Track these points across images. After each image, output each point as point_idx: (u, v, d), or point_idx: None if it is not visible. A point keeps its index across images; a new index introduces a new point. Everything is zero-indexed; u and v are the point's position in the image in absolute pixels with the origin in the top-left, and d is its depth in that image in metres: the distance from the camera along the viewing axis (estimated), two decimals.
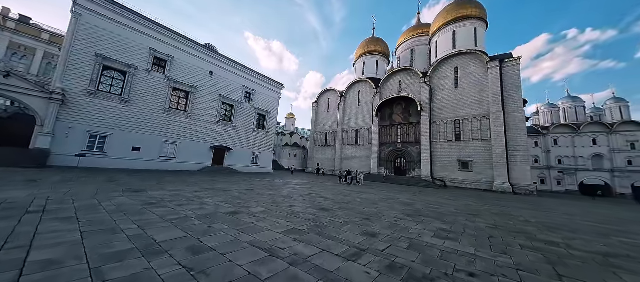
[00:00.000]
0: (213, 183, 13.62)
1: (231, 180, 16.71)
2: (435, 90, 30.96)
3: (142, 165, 20.68)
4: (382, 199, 11.07)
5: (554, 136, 44.56)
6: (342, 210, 7.29)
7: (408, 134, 32.05)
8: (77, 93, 17.69)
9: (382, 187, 21.26)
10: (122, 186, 9.73)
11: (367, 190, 16.15)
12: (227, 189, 11.09)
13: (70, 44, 17.42)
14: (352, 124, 40.03)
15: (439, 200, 12.97)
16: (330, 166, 41.95)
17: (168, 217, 4.96)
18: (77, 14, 17.69)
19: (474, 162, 26.75)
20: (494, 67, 27.15)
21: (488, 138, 26.43)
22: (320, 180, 24.99)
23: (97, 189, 8.45)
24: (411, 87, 33.04)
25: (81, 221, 4.23)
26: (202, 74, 25.83)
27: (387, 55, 44.63)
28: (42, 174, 11.31)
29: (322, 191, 13.18)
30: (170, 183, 12.19)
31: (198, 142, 25.07)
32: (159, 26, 22.39)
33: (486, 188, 25.47)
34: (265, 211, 6.38)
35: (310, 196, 10.39)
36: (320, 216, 6.18)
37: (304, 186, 15.97)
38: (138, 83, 21.00)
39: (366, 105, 38.54)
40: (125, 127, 20.12)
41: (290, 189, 13.05)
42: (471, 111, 27.97)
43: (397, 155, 32.86)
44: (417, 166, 30.32)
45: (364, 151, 37.27)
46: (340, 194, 12.37)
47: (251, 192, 10.48)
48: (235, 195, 9.31)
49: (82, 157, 17.37)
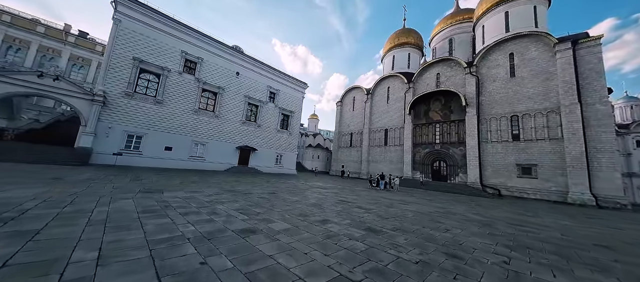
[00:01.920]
0: (235, 184, 12.62)
1: (254, 181, 15.71)
2: (484, 81, 26.51)
3: (174, 164, 21.12)
4: (439, 213, 8.63)
5: (636, 136, 35.47)
6: (399, 232, 5.17)
7: (449, 134, 27.99)
8: (117, 95, 18.61)
9: (422, 194, 18.34)
10: (142, 186, 9.09)
11: (408, 198, 13.62)
12: (247, 192, 9.83)
13: (111, 49, 18.42)
14: (381, 124, 36.95)
15: (513, 216, 9.95)
16: (356, 168, 39.35)
17: (156, 236, 3.56)
18: (117, 20, 18.68)
19: (540, 167, 21.88)
20: (565, 49, 22.01)
21: (558, 137, 21.41)
22: (347, 183, 22.88)
23: (113, 188, 7.79)
24: (452, 80, 28.95)
25: (39, 237, 3.02)
26: (229, 75, 25.94)
27: (421, 47, 40.50)
28: (75, 172, 11.47)
29: (356, 198, 11.17)
30: (192, 183, 11.46)
31: (225, 142, 25.12)
32: (190, 29, 22.92)
33: (557, 199, 20.52)
34: (290, 229, 4.66)
35: (344, 206, 8.49)
36: (371, 243, 4.21)
37: (332, 190, 14.14)
38: (170, 85, 21.61)
39: (397, 103, 35.19)
40: (159, 127, 20.76)
41: (317, 195, 11.34)
42: (533, 105, 23.09)
43: (435, 157, 28.98)
44: (461, 170, 26.17)
45: (395, 153, 33.95)
46: (379, 203, 10.22)
47: (274, 198, 9.02)
48: (255, 200, 7.91)
49: (119, 156, 18.19)
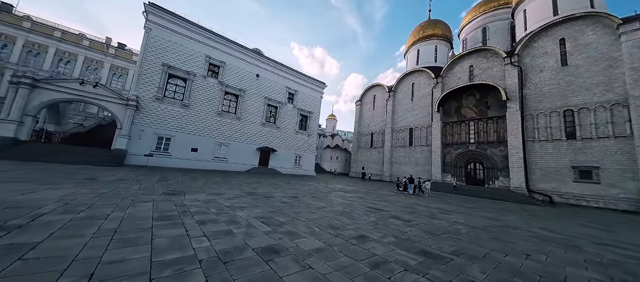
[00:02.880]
0: (256, 186, 12.22)
1: (274, 183, 15.26)
2: (529, 72, 23.38)
3: (199, 165, 21.71)
4: (495, 227, 7.18)
5: None
6: (465, 258, 3.95)
7: (486, 132, 25.14)
8: (148, 99, 19.57)
9: (458, 200, 16.41)
10: (167, 187, 9.01)
11: (446, 206, 12.06)
12: (269, 196, 9.26)
13: (143, 56, 19.45)
14: (405, 122, 34.73)
15: (589, 231, 8.05)
16: (378, 170, 37.47)
17: (164, 256, 2.95)
18: (148, 29, 19.69)
19: (602, 170, 18.49)
20: (632, 31, 18.49)
21: (626, 134, 17.93)
22: (370, 186, 21.53)
23: (138, 189, 7.70)
24: (488, 72, 26.06)
25: (32, 253, 2.55)
26: (250, 78, 26.21)
27: (449, 39, 37.44)
28: (110, 172, 11.95)
29: (386, 205, 10.03)
30: (215, 184, 11.29)
31: (246, 143, 25.36)
32: (214, 34, 23.52)
33: (627, 208, 17.10)
34: (322, 249, 3.76)
35: (377, 215, 7.46)
36: (439, 278, 3.09)
37: (356, 194, 13.09)
38: (196, 89, 22.30)
39: (423, 100, 32.78)
40: (186, 129, 21.48)
41: (342, 200, 10.41)
42: (592, 97, 19.69)
43: (469, 159, 26.26)
44: (502, 173, 23.27)
45: (421, 154, 31.58)
46: (416, 212, 8.98)
47: (296, 203, 8.30)
48: (277, 206, 7.24)
49: (150, 157, 19.05)
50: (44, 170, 10.34)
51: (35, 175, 8.86)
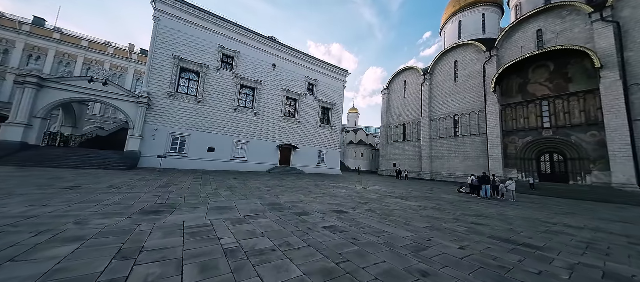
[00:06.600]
0: (280, 192, 9.32)
1: (302, 186, 12.28)
2: (631, 28, 17.19)
3: (217, 166, 19.82)
4: None
5: None
6: None
7: (568, 113, 19.27)
8: (160, 96, 18.01)
9: (556, 205, 11.84)
10: (161, 197, 6.47)
11: (561, 218, 7.87)
12: (302, 211, 6.19)
13: (153, 49, 17.90)
14: (447, 109, 29.46)
15: None
16: (414, 166, 32.67)
17: None
18: (157, 19, 18.09)
19: None
20: None
21: None
22: (415, 188, 17.49)
23: (116, 201, 5.17)
24: (566, 35, 20.07)
25: None
26: (266, 68, 23.73)
27: (499, 3, 30.94)
28: (111, 177, 10.01)
29: (478, 222, 6.35)
30: (228, 191, 8.66)
31: (265, 141, 22.99)
32: (225, 21, 21.40)
33: None
34: None
35: (520, 255, 3.90)
36: None
37: (415, 203, 9.50)
38: (210, 82, 20.40)
39: (470, 80, 27.27)
40: (201, 127, 19.69)
41: (405, 212, 6.97)
42: None
43: (543, 149, 20.53)
44: (596, 165, 17.47)
45: (472, 145, 26.24)
46: (539, 236, 5.23)
47: (353, 227, 5.09)
48: (326, 242, 4.11)
49: (164, 159, 17.46)
50: (33, 176, 8.60)
51: (12, 181, 7.01)
